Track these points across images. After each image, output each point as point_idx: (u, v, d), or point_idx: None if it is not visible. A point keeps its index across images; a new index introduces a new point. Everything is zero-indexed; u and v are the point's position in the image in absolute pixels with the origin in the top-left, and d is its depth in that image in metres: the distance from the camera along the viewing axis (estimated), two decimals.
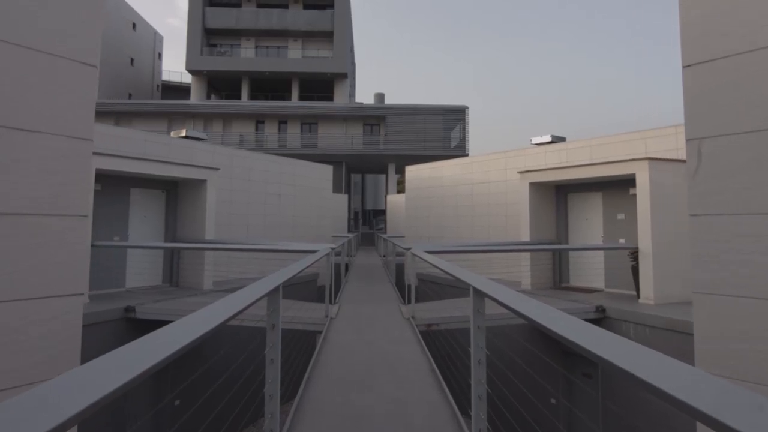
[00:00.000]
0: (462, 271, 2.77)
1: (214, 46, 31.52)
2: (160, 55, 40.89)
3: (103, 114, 26.66)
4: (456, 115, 27.63)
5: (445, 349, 6.07)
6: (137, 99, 33.58)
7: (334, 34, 29.99)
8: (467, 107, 27.78)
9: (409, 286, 6.77)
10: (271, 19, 30.38)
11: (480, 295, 2.60)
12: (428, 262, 4.51)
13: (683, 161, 7.93)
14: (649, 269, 7.55)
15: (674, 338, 6.25)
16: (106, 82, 30.93)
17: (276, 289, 2.65)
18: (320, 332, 5.87)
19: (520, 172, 9.86)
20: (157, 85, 39.65)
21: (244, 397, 5.46)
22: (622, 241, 8.86)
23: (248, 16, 30.37)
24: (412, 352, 4.53)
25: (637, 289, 7.90)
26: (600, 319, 7.23)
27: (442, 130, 27.40)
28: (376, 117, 28.21)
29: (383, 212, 34.85)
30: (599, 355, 1.07)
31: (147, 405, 7.22)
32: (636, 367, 0.97)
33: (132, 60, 35.51)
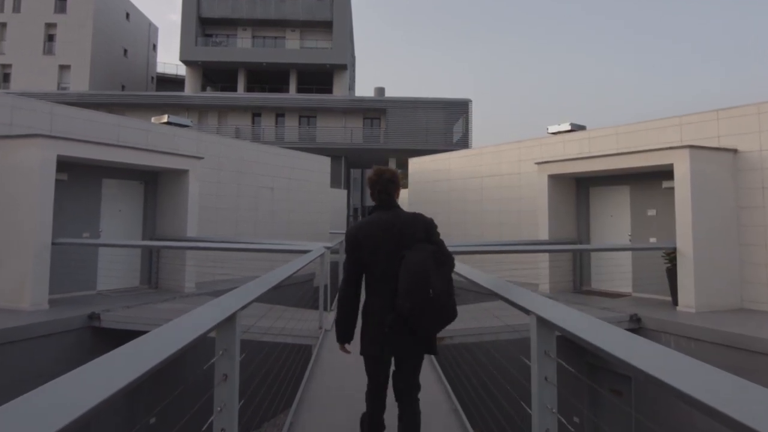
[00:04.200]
0: (517, 290, 1.84)
1: (210, 36, 30.44)
2: (155, 47, 39.78)
3: (93, 105, 25.56)
4: (459, 109, 26.65)
5: (459, 366, 5.16)
6: (130, 91, 32.48)
7: (333, 24, 28.95)
8: (470, 100, 26.79)
9: None
10: (269, 8, 29.33)
11: (548, 327, 1.68)
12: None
13: (729, 150, 7.00)
14: (690, 272, 6.62)
15: (729, 355, 5.33)
16: (97, 73, 29.88)
17: (229, 320, 1.70)
18: (313, 346, 4.98)
19: (538, 164, 8.91)
20: (152, 77, 38.52)
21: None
22: (653, 240, 7.93)
23: (245, 5, 29.31)
24: (425, 381, 3.60)
25: (674, 295, 6.98)
26: (635, 329, 6.30)
27: (444, 124, 26.42)
28: (376, 110, 27.21)
29: None
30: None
31: (118, 424, 6.29)
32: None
33: (125, 51, 34.39)
